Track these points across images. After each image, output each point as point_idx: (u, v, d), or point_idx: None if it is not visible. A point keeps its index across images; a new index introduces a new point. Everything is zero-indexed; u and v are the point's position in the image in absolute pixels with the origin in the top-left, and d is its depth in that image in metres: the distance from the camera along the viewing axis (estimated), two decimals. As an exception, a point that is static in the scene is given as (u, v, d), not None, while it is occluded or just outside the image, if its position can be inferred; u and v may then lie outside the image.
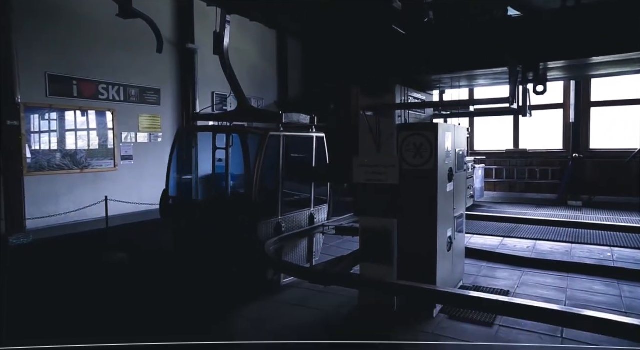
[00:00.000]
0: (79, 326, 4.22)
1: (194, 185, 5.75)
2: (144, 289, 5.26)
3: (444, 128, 4.47)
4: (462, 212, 5.22)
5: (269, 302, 4.77)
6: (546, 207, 11.15)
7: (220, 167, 5.37)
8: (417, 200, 4.29)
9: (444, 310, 4.41)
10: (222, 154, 5.32)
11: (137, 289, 5.24)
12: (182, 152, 5.80)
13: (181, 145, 5.81)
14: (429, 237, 4.28)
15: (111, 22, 7.95)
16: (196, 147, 5.75)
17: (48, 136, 8.32)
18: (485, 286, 5.18)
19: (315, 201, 5.65)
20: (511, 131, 12.95)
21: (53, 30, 8.17)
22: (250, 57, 12.83)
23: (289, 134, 5.29)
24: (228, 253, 5.01)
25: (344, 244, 7.00)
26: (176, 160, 5.68)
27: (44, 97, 8.12)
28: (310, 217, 5.58)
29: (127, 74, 9.50)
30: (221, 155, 5.33)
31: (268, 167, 4.99)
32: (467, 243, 6.43)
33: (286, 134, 5.19)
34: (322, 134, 5.77)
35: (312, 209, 5.62)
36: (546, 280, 5.36)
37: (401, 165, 4.29)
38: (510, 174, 12.73)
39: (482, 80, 4.99)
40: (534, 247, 7.00)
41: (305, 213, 5.54)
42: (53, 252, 6.89)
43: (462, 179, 5.32)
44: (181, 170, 5.76)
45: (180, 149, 5.75)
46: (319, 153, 5.71)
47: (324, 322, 4.29)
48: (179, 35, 10.61)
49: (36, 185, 7.93)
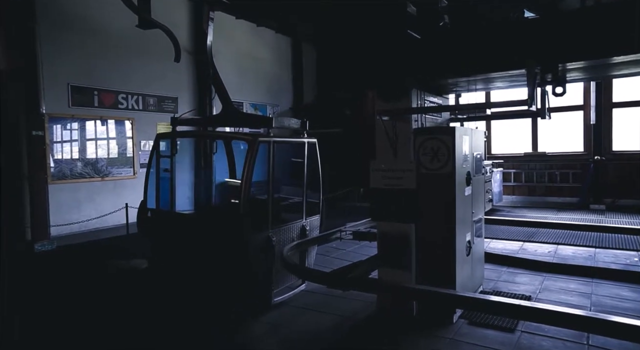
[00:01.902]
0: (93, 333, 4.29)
1: (174, 196, 5.26)
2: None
3: (461, 132, 4.44)
4: (481, 216, 5.16)
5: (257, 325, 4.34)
6: (567, 211, 10.92)
7: (203, 175, 5.25)
8: (435, 204, 4.26)
9: (464, 315, 4.35)
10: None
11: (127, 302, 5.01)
12: (160, 160, 5.37)
13: (160, 152, 5.37)
14: (447, 242, 4.24)
15: (130, 33, 8.15)
16: (175, 155, 5.31)
17: (70, 145, 8.53)
18: (505, 291, 5.09)
19: (306, 212, 5.15)
20: (529, 134, 12.76)
21: (75, 43, 8.40)
22: (265, 64, 12.97)
23: (280, 139, 4.80)
24: (212, 271, 4.62)
25: (361, 249, 6.98)
26: (155, 170, 5.27)
27: (67, 107, 8.35)
28: (302, 230, 5.06)
29: (145, 83, 9.70)
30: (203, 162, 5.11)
31: (258, 175, 4.56)
32: (487, 248, 6.34)
33: (276, 140, 4.68)
34: (314, 140, 5.28)
35: (304, 221, 5.13)
36: (569, 286, 5.24)
37: (418, 169, 4.27)
38: (529, 177, 12.52)
39: (499, 82, 4.95)
40: (556, 252, 6.86)
41: (297, 225, 5.02)
42: (75, 259, 7.03)
43: (481, 183, 5.26)
44: (160, 180, 5.32)
45: (159, 157, 5.33)
46: (310, 159, 5.22)
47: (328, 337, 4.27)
48: (195, 44, 10.79)
49: (59, 193, 8.13)
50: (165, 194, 5.25)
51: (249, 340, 4.10)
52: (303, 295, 5.11)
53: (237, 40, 12.03)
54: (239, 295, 4.59)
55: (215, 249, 4.55)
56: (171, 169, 5.20)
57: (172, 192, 5.11)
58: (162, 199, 5.27)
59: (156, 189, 5.30)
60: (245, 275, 4.48)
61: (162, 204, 5.27)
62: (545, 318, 3.21)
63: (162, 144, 5.36)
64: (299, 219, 5.08)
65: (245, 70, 12.30)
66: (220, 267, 4.56)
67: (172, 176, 5.11)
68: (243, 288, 4.56)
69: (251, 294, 4.58)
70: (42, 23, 7.66)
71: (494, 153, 13.20)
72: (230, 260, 4.45)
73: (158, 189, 5.30)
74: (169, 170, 5.16)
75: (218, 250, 4.53)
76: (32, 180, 7.53)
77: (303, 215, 5.11)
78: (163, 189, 5.28)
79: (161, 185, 5.29)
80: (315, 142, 5.27)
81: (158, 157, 5.31)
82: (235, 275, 4.49)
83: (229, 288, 4.59)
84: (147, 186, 5.24)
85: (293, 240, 4.87)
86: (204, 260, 4.69)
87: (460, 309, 4.34)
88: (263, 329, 4.26)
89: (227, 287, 4.60)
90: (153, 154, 5.30)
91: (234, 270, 4.47)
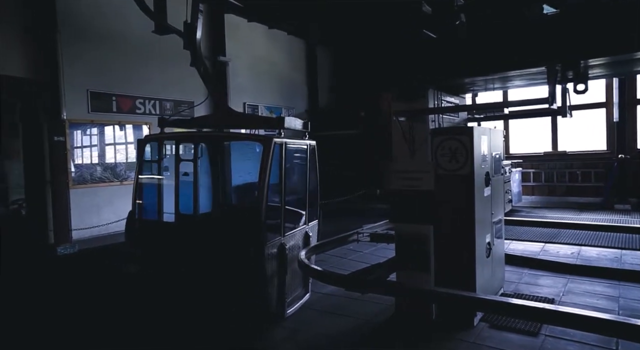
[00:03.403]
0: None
1: (167, 204, 4.80)
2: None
3: (479, 131, 4.36)
4: (501, 217, 5.06)
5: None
6: (590, 211, 10.65)
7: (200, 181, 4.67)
8: (454, 205, 4.20)
9: (485, 318, 4.27)
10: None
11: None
12: (149, 165, 5.00)
13: (148, 157, 5.01)
14: (466, 243, 4.17)
15: (147, 39, 8.26)
16: (162, 160, 4.98)
17: (90, 150, 8.69)
18: (527, 294, 4.98)
19: (308, 217, 4.93)
20: (549, 133, 12.51)
21: (93, 49, 8.56)
22: (280, 67, 13.02)
23: (290, 141, 4.53)
24: (223, 281, 4.29)
25: (378, 252, 6.93)
26: (142, 176, 4.87)
27: (86, 113, 8.50)
28: (305, 236, 4.85)
29: (162, 88, 9.82)
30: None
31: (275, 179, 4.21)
32: (507, 249, 6.22)
33: (287, 141, 4.44)
34: (314, 142, 5.03)
35: (307, 226, 4.91)
36: (595, 289, 5.10)
37: (436, 170, 4.21)
38: (549, 177, 12.27)
39: (518, 81, 4.86)
40: (579, 253, 6.69)
41: (301, 231, 4.82)
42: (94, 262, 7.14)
43: (500, 183, 5.16)
44: (151, 186, 4.93)
45: (146, 162, 4.94)
46: (312, 162, 5.00)
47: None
48: (211, 49, 10.89)
49: (80, 197, 8.28)
50: (173, 200, 4.77)
51: (269, 345, 4.07)
52: (320, 298, 5.08)
53: (252, 43, 12.11)
54: (251, 307, 4.31)
55: (228, 258, 4.27)
56: (159, 174, 4.80)
57: (160, 200, 4.74)
58: (150, 207, 4.85)
59: (157, 196, 4.86)
60: (260, 286, 4.19)
61: (151, 214, 4.85)
62: (571, 322, 3.11)
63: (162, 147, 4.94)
64: (303, 225, 4.85)
65: (261, 74, 12.36)
66: (233, 278, 4.28)
67: (159, 182, 4.77)
68: (257, 300, 4.27)
69: (266, 305, 4.30)
70: (63, 31, 7.83)
71: (512, 153, 12.98)
72: (245, 270, 4.19)
73: (147, 196, 4.86)
74: (187, 173, 4.78)
75: (231, 259, 4.25)
76: (54, 185, 7.70)
77: (306, 220, 4.88)
78: (155, 197, 4.82)
79: (157, 192, 4.87)
80: (315, 145, 5.05)
81: (142, 162, 4.89)
82: (249, 286, 4.23)
83: (241, 300, 4.30)
84: (136, 195, 4.78)
85: (299, 247, 4.68)
86: (214, 271, 4.38)
87: (481, 312, 4.26)
88: (282, 333, 4.23)
89: (239, 299, 4.31)
90: (140, 159, 4.86)
91: (248, 281, 4.22)
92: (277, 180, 4.33)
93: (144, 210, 4.90)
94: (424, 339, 3.97)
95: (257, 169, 4.14)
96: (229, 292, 4.29)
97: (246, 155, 11.42)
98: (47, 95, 7.63)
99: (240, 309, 4.31)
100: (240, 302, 4.30)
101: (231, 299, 4.31)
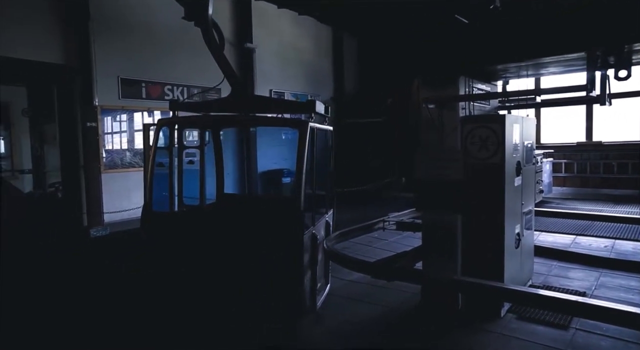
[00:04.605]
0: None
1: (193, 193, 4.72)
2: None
3: (511, 120, 4.25)
4: (531, 207, 4.94)
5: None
6: (625, 203, 10.27)
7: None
8: (483, 195, 4.12)
9: (512, 309, 4.20)
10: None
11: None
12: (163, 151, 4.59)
13: (169, 142, 4.69)
14: (495, 233, 4.10)
15: (176, 25, 8.35)
16: (180, 145, 4.74)
17: (120, 136, 8.91)
18: (557, 286, 4.87)
19: (328, 205, 4.79)
20: (582, 123, 12.06)
21: (124, 36, 8.71)
22: (306, 54, 12.94)
23: (318, 126, 4.29)
24: (254, 275, 3.91)
25: (403, 240, 6.89)
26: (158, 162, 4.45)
27: (117, 99, 8.69)
28: (326, 225, 4.68)
29: (190, 74, 9.92)
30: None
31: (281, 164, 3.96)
32: (536, 240, 6.08)
33: (318, 127, 4.23)
34: (331, 128, 4.77)
35: (327, 216, 4.75)
36: (630, 283, 4.93)
37: (465, 159, 4.13)
38: (581, 168, 11.87)
39: (553, 67, 4.70)
40: (613, 247, 6.48)
41: (323, 220, 4.63)
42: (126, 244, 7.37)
43: (531, 173, 5.03)
44: (164, 175, 4.59)
45: (160, 148, 4.48)
46: (330, 149, 4.85)
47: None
48: (238, 35, 10.91)
49: (111, 181, 8.53)
50: (191, 188, 4.73)
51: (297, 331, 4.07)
52: (346, 285, 5.11)
53: (280, 30, 12.06)
54: (284, 301, 3.95)
55: (262, 249, 3.91)
56: (170, 163, 4.52)
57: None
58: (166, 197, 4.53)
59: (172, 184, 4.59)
60: (295, 278, 3.91)
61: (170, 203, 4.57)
62: (603, 315, 3.03)
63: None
64: (324, 214, 4.68)
65: (287, 60, 12.33)
66: (266, 271, 3.92)
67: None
68: (290, 293, 3.94)
69: (300, 302, 4.03)
70: (95, 20, 8.00)
71: (543, 143, 12.59)
72: (280, 262, 3.86)
73: (181, 184, 4.64)
74: (191, 162, 4.60)
75: (266, 251, 3.90)
76: (87, 169, 7.96)
77: (326, 209, 4.73)
78: (185, 184, 4.63)
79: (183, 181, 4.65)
80: (332, 130, 4.84)
81: (155, 148, 4.39)
82: (283, 279, 3.89)
83: (272, 294, 3.94)
84: (152, 184, 4.26)
85: (322, 236, 4.51)
86: (244, 263, 4.00)
87: (509, 303, 4.19)
88: (309, 320, 4.23)
89: (270, 293, 3.95)
90: (156, 145, 4.38)
91: (283, 277, 3.88)
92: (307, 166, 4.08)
93: (164, 199, 4.59)
94: (450, 329, 3.94)
95: (282, 156, 4.06)
96: (262, 289, 3.94)
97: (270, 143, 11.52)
98: (80, 81, 7.84)
99: (273, 305, 3.95)
100: (242, 302, 3.95)
101: (265, 296, 3.92)
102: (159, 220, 4.33)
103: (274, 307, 3.91)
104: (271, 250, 3.84)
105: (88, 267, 6.11)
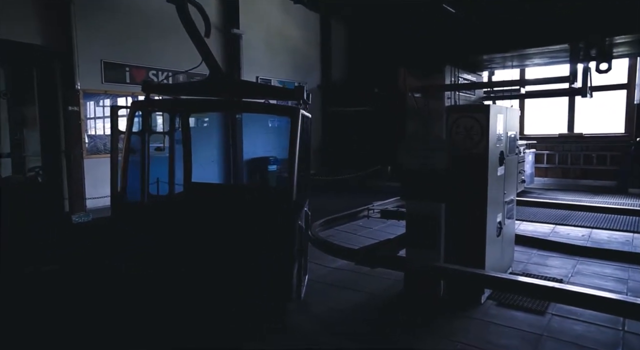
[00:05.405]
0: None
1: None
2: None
3: (495, 110, 4.31)
4: (513, 197, 5.04)
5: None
6: (604, 194, 10.52)
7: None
8: (467, 184, 4.19)
9: (493, 296, 4.31)
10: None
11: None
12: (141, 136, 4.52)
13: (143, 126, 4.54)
14: (478, 222, 4.18)
15: (161, 9, 8.18)
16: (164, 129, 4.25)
17: (102, 121, 8.74)
18: (535, 273, 5.00)
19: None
20: (564, 114, 12.26)
21: (108, 19, 8.50)
22: (294, 41, 12.82)
23: (305, 113, 4.14)
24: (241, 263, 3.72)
25: (388, 228, 6.97)
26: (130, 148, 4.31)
27: (100, 83, 8.52)
28: (306, 215, 4.49)
29: (176, 60, 9.73)
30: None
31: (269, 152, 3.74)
32: (517, 230, 6.22)
33: (305, 113, 4.08)
34: (310, 115, 4.50)
35: (306, 206, 4.58)
36: (604, 270, 5.10)
37: (450, 148, 4.18)
38: (563, 159, 12.11)
39: (537, 59, 4.76)
40: (590, 236, 6.66)
41: (303, 211, 4.41)
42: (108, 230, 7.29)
43: (514, 163, 5.12)
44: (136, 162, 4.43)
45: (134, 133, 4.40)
46: (309, 136, 4.66)
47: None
48: (224, 21, 10.75)
49: (94, 167, 8.39)
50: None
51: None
52: (330, 272, 5.16)
53: (267, 16, 11.91)
54: (267, 290, 3.77)
55: (249, 237, 3.75)
56: (143, 148, 4.38)
57: (145, 175, 4.35)
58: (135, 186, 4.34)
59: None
60: (285, 266, 3.76)
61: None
62: (578, 301, 3.15)
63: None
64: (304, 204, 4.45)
65: (274, 47, 12.20)
66: (254, 258, 3.75)
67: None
68: (275, 281, 3.75)
69: (286, 286, 3.84)
70: (77, 1, 7.78)
71: (526, 133, 12.78)
72: (271, 250, 3.68)
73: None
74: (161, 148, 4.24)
75: (254, 238, 3.74)
76: (69, 154, 7.81)
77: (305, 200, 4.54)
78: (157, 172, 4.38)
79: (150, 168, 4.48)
80: (310, 117, 4.59)
81: (129, 133, 4.36)
82: (272, 267, 3.70)
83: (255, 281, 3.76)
84: (127, 171, 4.16)
85: (303, 227, 4.29)
86: (230, 251, 3.83)
87: (489, 290, 4.30)
88: (293, 307, 4.20)
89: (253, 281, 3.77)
90: (130, 129, 4.29)
91: (272, 262, 3.70)
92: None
93: (131, 188, 4.41)
94: (432, 315, 4.02)
95: (268, 143, 4.00)
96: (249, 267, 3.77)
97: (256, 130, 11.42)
98: (61, 64, 7.66)
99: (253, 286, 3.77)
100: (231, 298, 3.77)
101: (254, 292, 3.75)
102: (132, 210, 4.15)
103: (266, 304, 3.77)
104: (260, 240, 3.67)
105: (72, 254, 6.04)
